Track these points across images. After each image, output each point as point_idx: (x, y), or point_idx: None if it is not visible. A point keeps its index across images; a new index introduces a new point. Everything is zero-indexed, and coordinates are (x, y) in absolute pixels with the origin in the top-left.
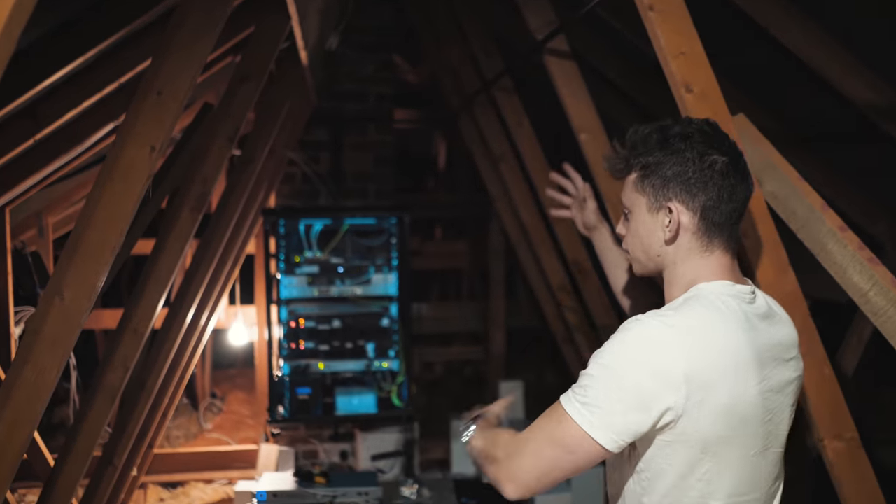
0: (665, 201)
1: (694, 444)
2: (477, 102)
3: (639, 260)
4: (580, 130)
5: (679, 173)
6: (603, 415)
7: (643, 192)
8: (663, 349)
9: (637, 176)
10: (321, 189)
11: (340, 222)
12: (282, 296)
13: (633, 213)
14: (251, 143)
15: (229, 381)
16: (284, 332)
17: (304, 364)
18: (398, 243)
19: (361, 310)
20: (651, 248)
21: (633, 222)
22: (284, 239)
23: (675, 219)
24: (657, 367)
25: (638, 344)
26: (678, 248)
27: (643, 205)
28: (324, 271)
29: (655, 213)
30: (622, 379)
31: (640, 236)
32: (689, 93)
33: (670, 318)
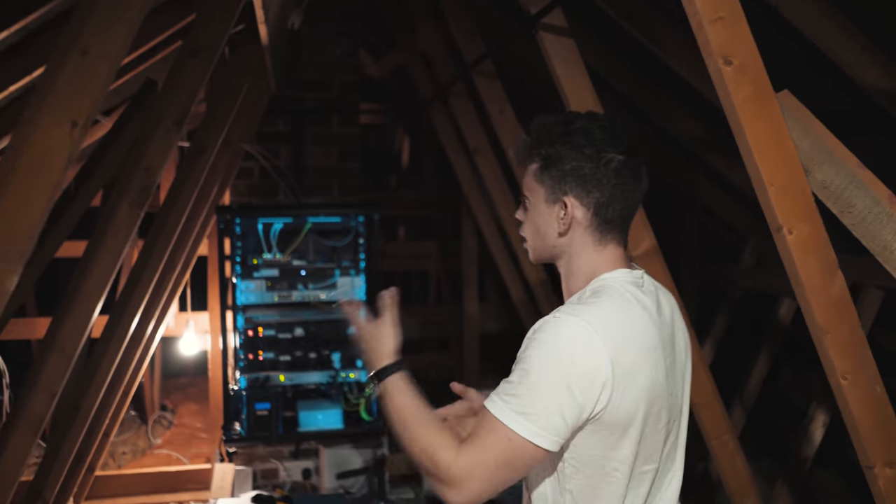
0: (561, 195)
1: (615, 428)
2: (452, 91)
3: (535, 248)
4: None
5: (576, 169)
6: (544, 422)
7: (542, 183)
8: (589, 347)
9: (537, 167)
10: (281, 185)
11: (302, 221)
12: (238, 302)
13: (532, 202)
14: (203, 132)
15: (180, 392)
16: (241, 341)
17: (262, 376)
18: (366, 244)
19: (326, 316)
20: (547, 238)
21: (531, 211)
22: (241, 239)
23: (569, 213)
24: (587, 366)
25: (565, 345)
26: (573, 241)
27: (541, 195)
28: (284, 275)
29: (552, 205)
30: (556, 384)
31: (536, 225)
32: (728, 65)
33: (586, 314)
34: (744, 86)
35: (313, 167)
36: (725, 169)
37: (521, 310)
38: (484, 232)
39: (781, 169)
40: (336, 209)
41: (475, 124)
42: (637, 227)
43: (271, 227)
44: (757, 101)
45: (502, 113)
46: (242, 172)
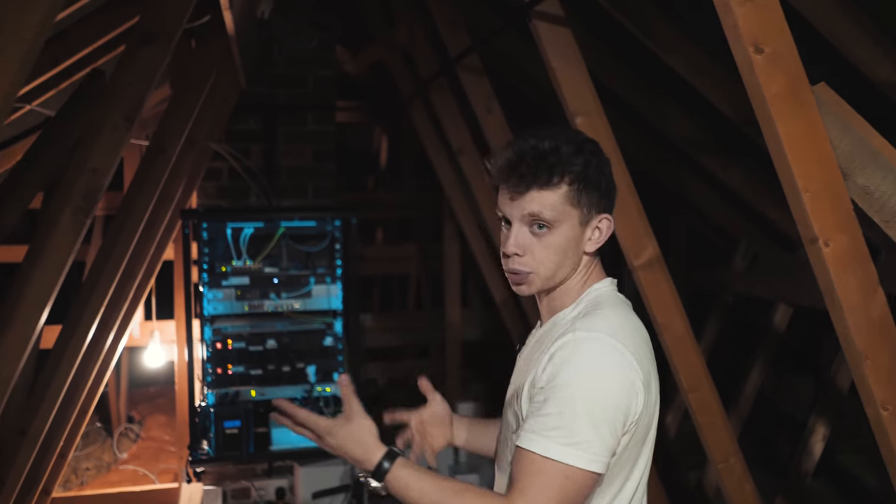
0: (597, 213)
1: (641, 437)
2: (434, 87)
3: (546, 276)
4: (576, 113)
5: (607, 184)
6: (598, 448)
7: (577, 204)
8: (622, 362)
9: (569, 190)
10: (252, 187)
11: (275, 226)
12: (206, 312)
13: (557, 226)
14: (164, 129)
15: (149, 402)
16: (209, 354)
17: (232, 392)
18: (343, 249)
19: (300, 327)
20: (567, 261)
21: (552, 236)
22: (208, 245)
23: (606, 230)
24: (624, 382)
25: (601, 365)
26: (587, 260)
27: (575, 217)
28: (255, 283)
29: (586, 226)
30: (602, 406)
31: (561, 250)
32: (759, 53)
33: (607, 329)
34: (776, 77)
35: (286, 168)
36: (719, 170)
37: (506, 316)
38: (467, 236)
39: (817, 172)
40: (311, 213)
41: (459, 123)
42: (639, 235)
43: (241, 232)
44: (791, 94)
45: (489, 112)
46: (210, 173)
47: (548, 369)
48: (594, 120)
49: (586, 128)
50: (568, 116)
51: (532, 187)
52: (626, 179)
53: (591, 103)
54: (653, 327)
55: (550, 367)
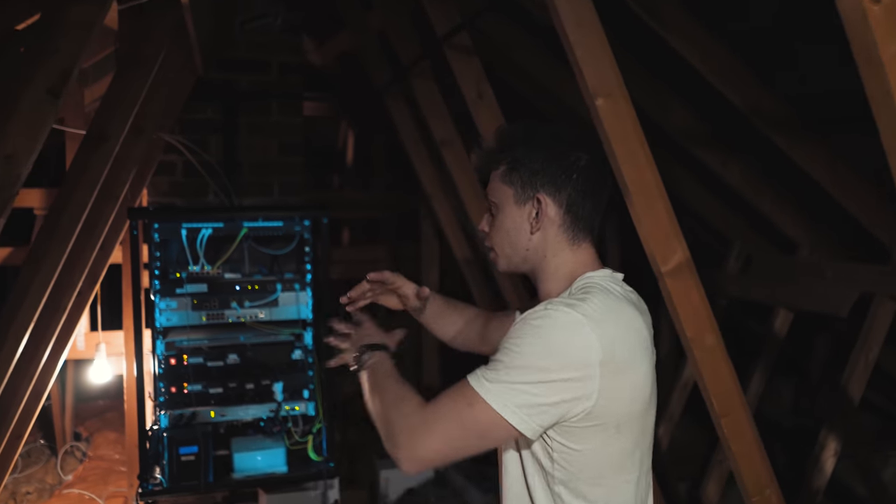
0: (532, 192)
1: (608, 424)
2: (416, 72)
3: (506, 255)
4: (597, 94)
5: (546, 166)
6: (511, 396)
7: (511, 183)
8: (583, 339)
9: (505, 169)
10: (210, 183)
11: (236, 226)
12: (158, 324)
13: (501, 206)
14: (106, 112)
15: (98, 418)
16: (161, 371)
17: (188, 413)
18: (313, 252)
19: (266, 339)
20: (519, 242)
21: (499, 216)
22: (160, 249)
23: (542, 210)
24: (579, 358)
25: (559, 334)
26: (546, 241)
27: (510, 197)
28: (215, 290)
29: (522, 206)
30: (545, 369)
31: (506, 230)
32: (876, 3)
33: (581, 307)
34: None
35: (249, 162)
36: (718, 166)
37: None
38: (448, 235)
39: None
40: (277, 212)
41: (442, 113)
42: (668, 238)
43: (198, 234)
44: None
45: (481, 97)
46: (163, 167)
47: (513, 330)
48: (617, 103)
49: (608, 111)
50: (587, 98)
51: (489, 172)
52: (653, 174)
53: (614, 83)
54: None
55: (514, 329)
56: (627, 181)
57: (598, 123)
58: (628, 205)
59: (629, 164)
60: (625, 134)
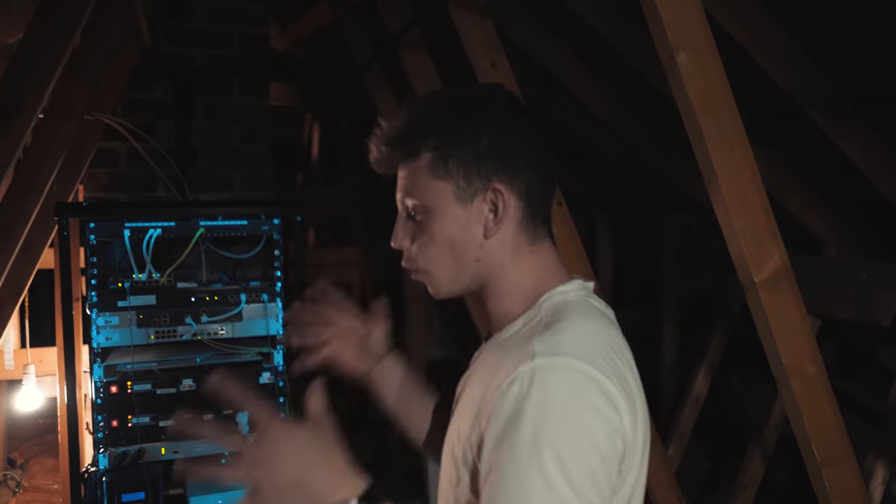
0: (483, 182)
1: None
2: (407, 42)
3: (449, 275)
4: (678, 47)
5: (494, 144)
6: None
7: (446, 176)
8: (603, 402)
9: (432, 158)
10: (159, 175)
11: (191, 226)
12: (95, 344)
13: (432, 210)
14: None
15: (35, 441)
16: (100, 401)
17: (133, 451)
18: (283, 256)
19: (228, 360)
20: (466, 253)
21: (431, 224)
22: (98, 253)
23: (503, 204)
24: (609, 432)
25: (578, 414)
26: (503, 246)
27: (448, 194)
28: (165, 303)
29: (468, 203)
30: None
31: (446, 241)
32: None
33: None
34: None
35: (205, 151)
36: None
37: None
38: None
39: None
40: (241, 207)
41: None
42: (763, 239)
43: (144, 235)
44: None
45: (495, 67)
46: (103, 156)
47: (496, 414)
48: (703, 59)
49: (692, 68)
50: (664, 54)
51: (399, 161)
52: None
53: (700, 34)
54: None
55: (500, 414)
56: (714, 161)
57: (676, 86)
58: (712, 193)
59: (717, 139)
60: (712, 99)
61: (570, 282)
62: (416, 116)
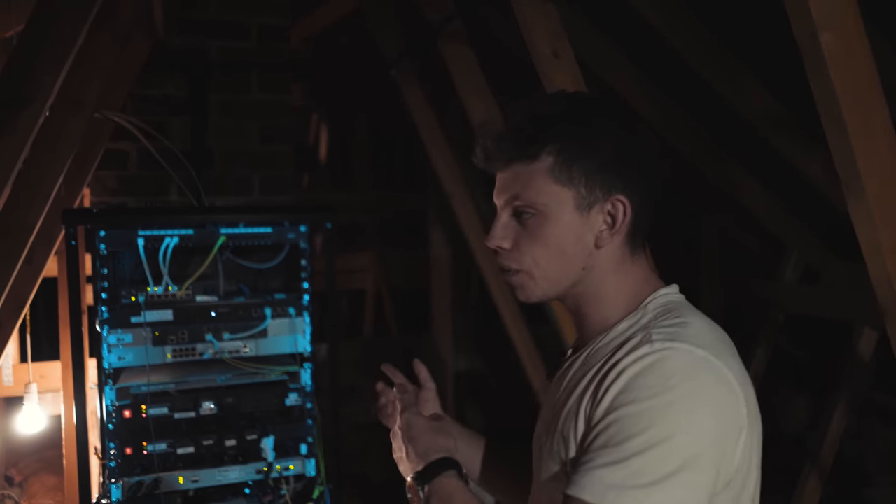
0: (605, 193)
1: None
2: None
3: (550, 279)
4: (822, 26)
5: (617, 156)
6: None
7: (569, 182)
8: (722, 389)
9: (554, 163)
10: (173, 177)
11: (211, 234)
12: (106, 365)
13: (547, 213)
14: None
15: (34, 457)
16: (112, 427)
17: (149, 480)
18: (311, 266)
19: (251, 381)
20: (575, 260)
21: (543, 227)
22: (108, 264)
23: (621, 214)
24: (726, 417)
25: (697, 392)
26: (610, 255)
27: (568, 201)
28: (183, 318)
29: (586, 212)
30: (696, 450)
31: (558, 246)
32: None
33: (697, 340)
34: None
35: (222, 152)
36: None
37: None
38: (471, 243)
39: None
40: (265, 214)
41: (481, 87)
42: None
43: (160, 244)
44: None
45: (557, 56)
46: (111, 158)
47: (611, 392)
48: (850, 41)
49: (837, 50)
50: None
51: (510, 163)
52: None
53: (847, 11)
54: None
55: (616, 389)
56: (858, 160)
57: (815, 71)
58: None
59: (862, 134)
60: (859, 87)
61: (669, 286)
62: (538, 117)
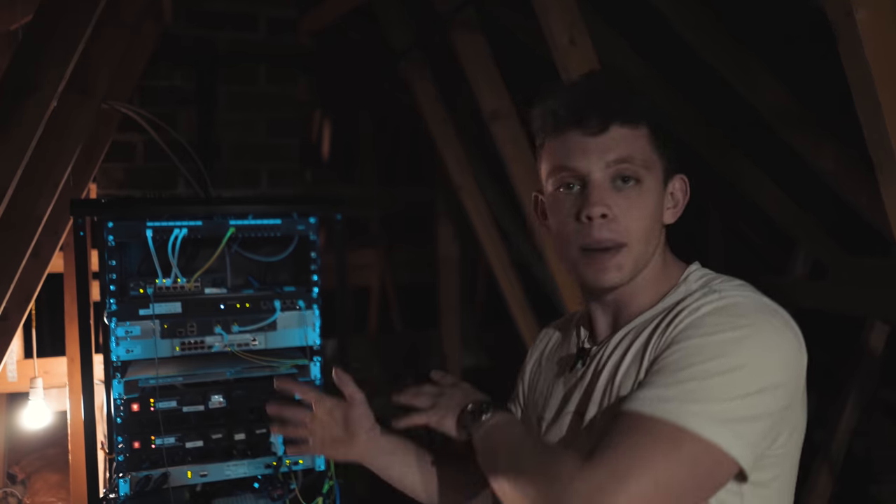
0: (675, 168)
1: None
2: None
3: (639, 253)
4: (857, 3)
5: (673, 137)
6: (748, 435)
7: (663, 154)
8: (786, 330)
9: (652, 132)
10: (180, 170)
11: (220, 225)
12: (114, 357)
13: (645, 182)
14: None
15: (37, 455)
16: (120, 420)
17: (157, 475)
18: (320, 259)
19: (261, 374)
20: (653, 232)
21: (643, 195)
22: (116, 255)
23: (683, 194)
24: (788, 356)
25: (761, 327)
26: (663, 239)
27: (659, 171)
28: (192, 311)
29: (665, 185)
30: (760, 380)
31: (653, 216)
32: None
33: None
34: None
35: (230, 144)
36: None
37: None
38: (480, 235)
39: None
40: (274, 206)
41: (493, 76)
42: None
43: (169, 236)
44: None
45: (574, 43)
46: (118, 150)
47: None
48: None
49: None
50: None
51: (612, 124)
52: None
53: None
54: None
55: (681, 327)
56: (893, 138)
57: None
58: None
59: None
60: (893, 64)
61: (693, 263)
62: (632, 89)
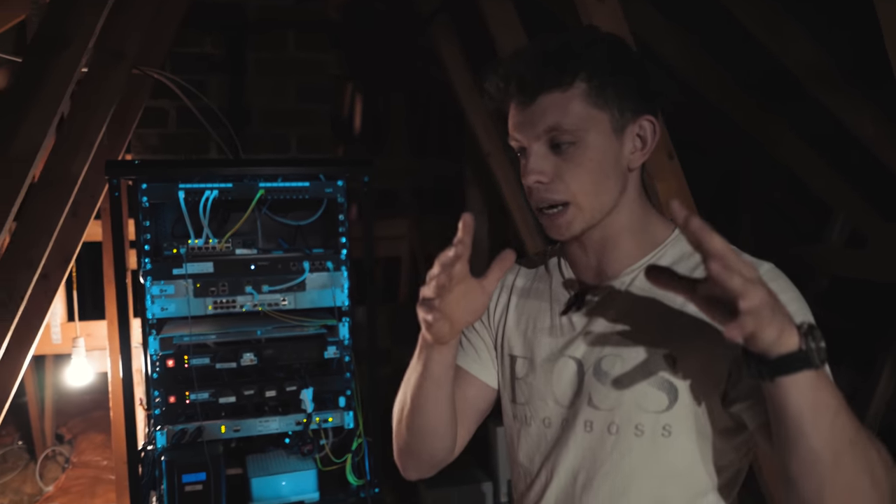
0: (635, 113)
1: None
2: None
3: (591, 207)
4: None
5: (643, 80)
6: None
7: (604, 106)
8: None
9: (588, 88)
10: (211, 135)
11: (250, 187)
12: (150, 315)
13: (583, 139)
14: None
15: (82, 417)
16: (156, 376)
17: (192, 429)
18: (349, 221)
19: (290, 333)
20: (613, 184)
21: (585, 152)
22: (150, 216)
23: (650, 134)
24: None
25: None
26: (634, 182)
27: (604, 124)
28: (223, 271)
29: (620, 133)
30: None
31: (599, 169)
32: None
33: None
34: None
35: (260, 110)
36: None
37: None
38: (510, 206)
39: None
40: (303, 168)
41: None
42: None
43: (201, 197)
44: None
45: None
46: (151, 116)
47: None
48: None
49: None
50: None
51: (540, 93)
52: None
53: None
54: None
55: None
56: None
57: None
58: None
59: None
60: None
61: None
62: (567, 45)
